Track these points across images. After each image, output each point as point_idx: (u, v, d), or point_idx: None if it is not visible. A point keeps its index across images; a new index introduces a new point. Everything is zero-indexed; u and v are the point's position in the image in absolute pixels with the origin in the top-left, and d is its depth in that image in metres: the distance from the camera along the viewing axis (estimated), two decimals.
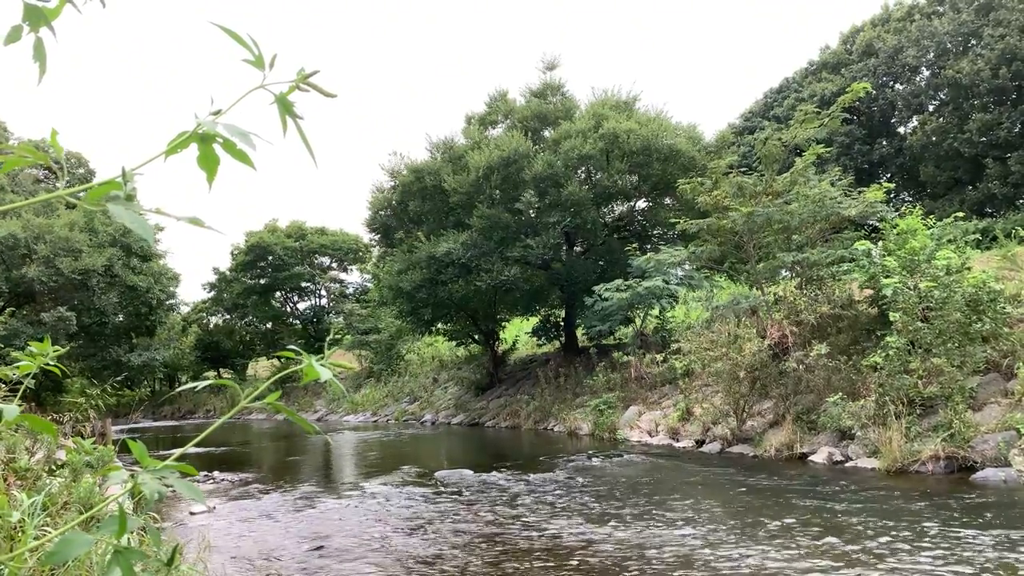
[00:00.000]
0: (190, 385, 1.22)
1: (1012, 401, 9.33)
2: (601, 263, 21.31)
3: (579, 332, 22.69)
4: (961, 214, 13.41)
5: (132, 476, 0.91)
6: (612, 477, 10.69)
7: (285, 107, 0.94)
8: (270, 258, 37.92)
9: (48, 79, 1.04)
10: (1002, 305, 10.30)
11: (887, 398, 10.07)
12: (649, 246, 21.76)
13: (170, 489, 0.91)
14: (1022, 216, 23.75)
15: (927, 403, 9.96)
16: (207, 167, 0.94)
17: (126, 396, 37.72)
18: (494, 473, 11.35)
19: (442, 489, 10.35)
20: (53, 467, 5.68)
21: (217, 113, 0.90)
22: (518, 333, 26.63)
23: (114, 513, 0.92)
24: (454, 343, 27.28)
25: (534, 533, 7.46)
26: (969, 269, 11.04)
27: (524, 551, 6.80)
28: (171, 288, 36.10)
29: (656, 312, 19.78)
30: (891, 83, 34.45)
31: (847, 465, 10.22)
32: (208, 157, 0.92)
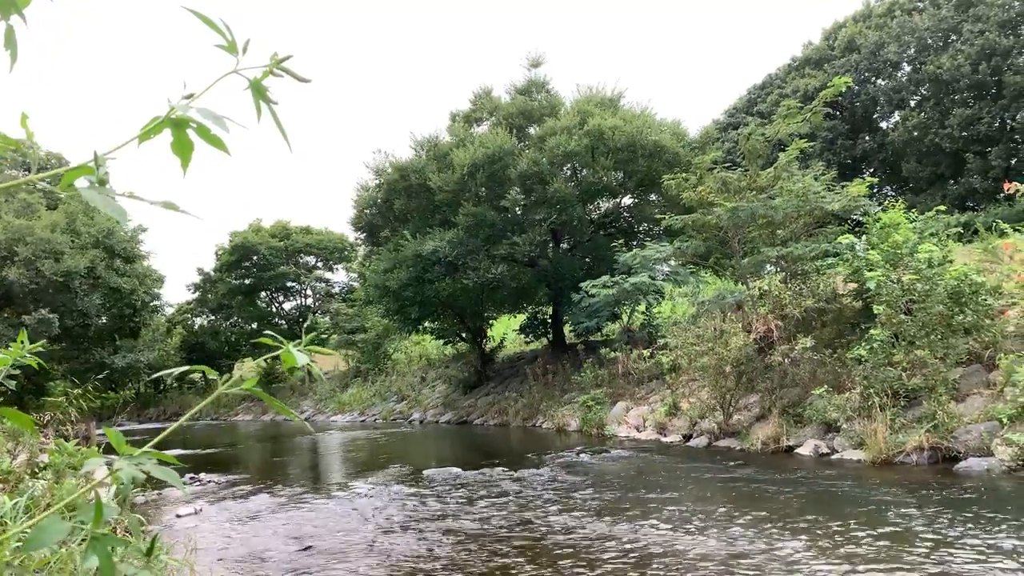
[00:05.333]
0: (165, 372, 1.21)
1: (994, 392, 9.43)
2: (588, 260, 21.34)
3: (567, 329, 22.71)
4: (943, 208, 13.51)
5: (109, 464, 0.90)
6: (600, 473, 10.72)
7: (259, 92, 0.93)
8: (255, 258, 37.73)
9: (21, 68, 1.02)
10: (983, 297, 10.40)
11: (872, 390, 10.15)
12: (635, 242, 21.82)
13: (146, 474, 0.91)
14: (1003, 209, 23.97)
15: (911, 395, 10.04)
16: (181, 153, 0.93)
17: (110, 399, 37.44)
18: (483, 471, 11.35)
19: (431, 488, 10.34)
20: (36, 469, 5.63)
21: (190, 97, 0.89)
22: (506, 331, 26.63)
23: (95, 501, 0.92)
24: (441, 341, 27.24)
25: (523, 530, 7.46)
26: (951, 262, 11.14)
27: (514, 548, 6.80)
28: (155, 289, 35.83)
29: (643, 308, 19.84)
30: (873, 79, 34.69)
31: (833, 457, 10.29)
32: (182, 143, 0.92)
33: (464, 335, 25.14)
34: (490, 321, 25.22)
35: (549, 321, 23.58)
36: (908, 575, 5.12)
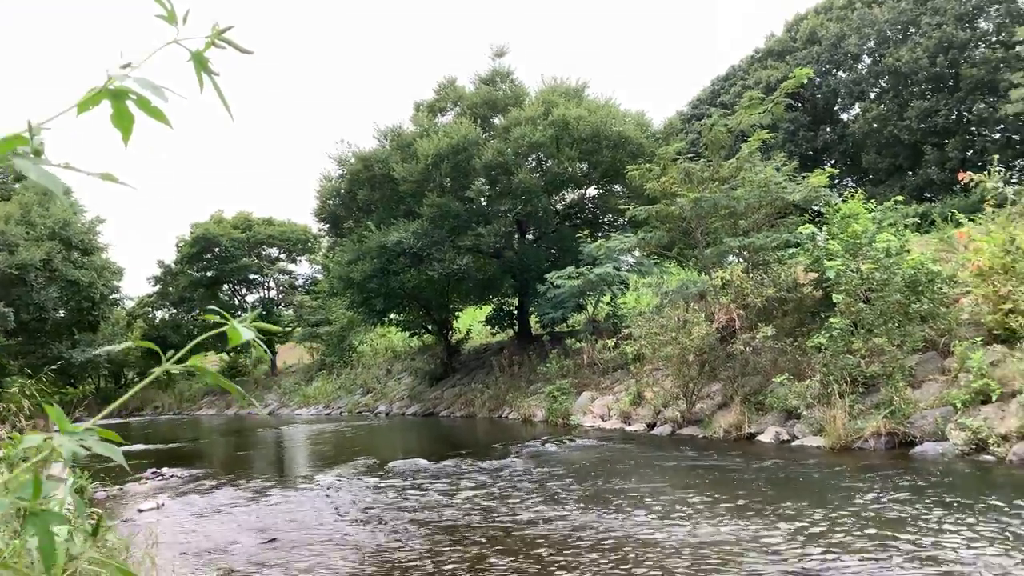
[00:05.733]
0: (107, 348, 1.19)
1: (949, 378, 9.65)
2: (553, 251, 21.40)
3: (532, 320, 22.76)
4: (900, 198, 13.77)
5: (47, 439, 0.89)
6: (565, 461, 10.78)
7: (200, 63, 0.91)
8: (216, 250, 37.19)
9: None
10: (939, 286, 10.63)
11: (831, 378, 10.34)
12: (600, 233, 21.92)
13: (88, 451, 0.89)
14: (959, 201, 24.49)
15: (869, 382, 10.24)
16: (121, 126, 0.91)
17: (69, 394, 36.73)
18: (449, 461, 11.35)
19: (396, 479, 10.31)
20: None
21: (127, 66, 0.87)
22: (472, 322, 26.61)
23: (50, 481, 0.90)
24: (407, 333, 27.14)
25: (488, 518, 7.48)
26: (908, 251, 11.36)
27: (478, 536, 6.82)
28: (114, 282, 35.22)
29: (608, 299, 19.96)
30: (834, 70, 35.19)
31: (794, 444, 10.47)
32: (122, 114, 0.89)
33: (430, 327, 25.08)
34: (456, 313, 25.19)
35: (515, 312, 23.61)
36: (872, 556, 5.23)
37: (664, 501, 7.53)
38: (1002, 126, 28.70)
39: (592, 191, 22.60)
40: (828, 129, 35.12)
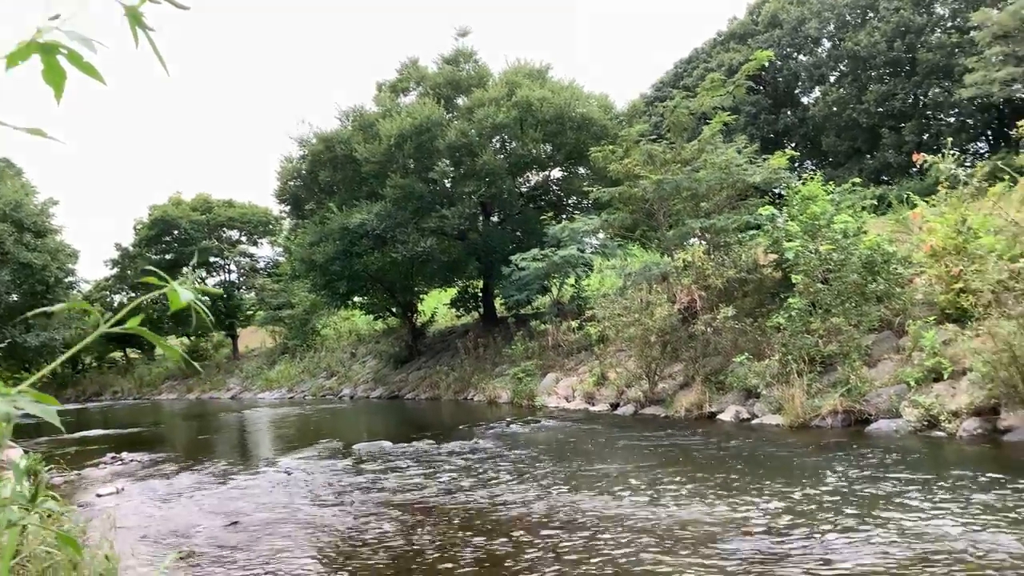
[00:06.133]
0: (40, 310, 1.15)
1: (903, 357, 9.86)
2: (518, 233, 21.38)
3: (497, 302, 22.77)
4: (858, 180, 13.99)
5: None
6: (531, 442, 10.83)
7: (135, 19, 0.88)
8: (175, 232, 36.53)
9: None
10: (895, 266, 10.84)
11: (790, 357, 10.50)
12: (564, 215, 21.97)
13: (20, 410, 0.86)
14: (915, 183, 24.97)
15: (827, 361, 10.43)
16: (53, 82, 0.87)
17: (23, 379, 35.96)
18: (414, 443, 11.34)
19: (361, 461, 10.28)
20: None
21: (56, 18, 0.83)
22: (437, 305, 26.54)
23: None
24: (371, 316, 26.99)
25: (452, 498, 7.50)
26: (865, 233, 11.55)
27: (441, 516, 6.83)
28: (69, 265, 34.46)
29: (572, 281, 20.04)
30: (795, 54, 35.53)
31: (753, 422, 10.63)
32: (53, 69, 0.86)
33: (394, 310, 24.96)
34: (420, 295, 25.09)
35: (480, 295, 23.60)
36: (852, 532, 5.34)
37: (631, 480, 7.60)
38: (956, 110, 29.25)
39: (556, 173, 22.62)
40: (789, 112, 35.51)
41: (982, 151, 30.03)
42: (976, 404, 8.27)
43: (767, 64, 15.74)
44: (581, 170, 21.67)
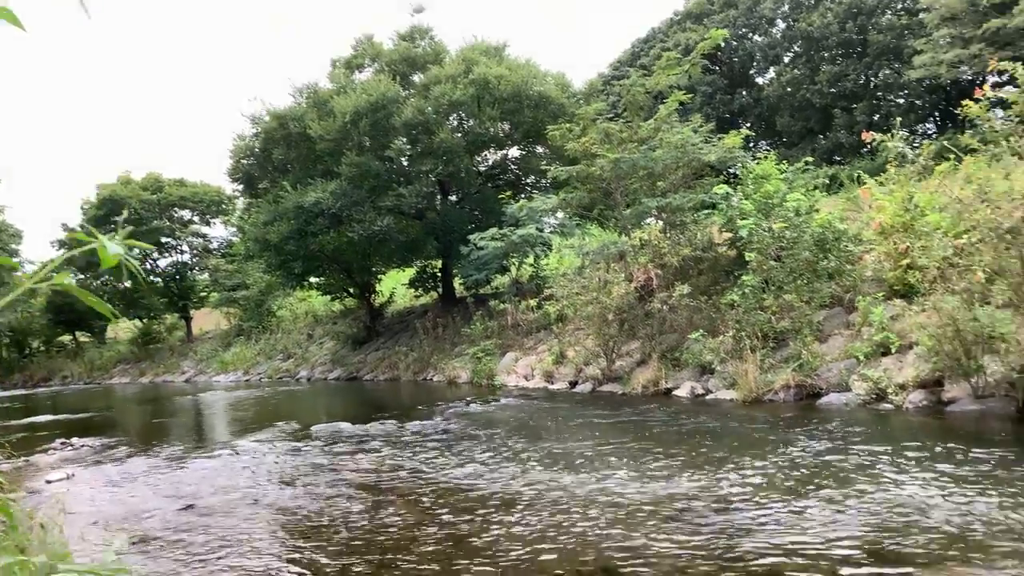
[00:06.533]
0: None
1: (853, 332, 10.10)
2: (476, 212, 21.31)
3: (456, 282, 22.70)
4: (811, 160, 14.22)
5: None
6: (491, 421, 10.87)
7: None
8: (125, 212, 35.59)
9: None
10: (845, 244, 11.05)
11: (743, 333, 10.68)
12: (523, 194, 21.93)
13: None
14: (866, 163, 25.47)
15: (779, 337, 10.63)
16: None
17: None
18: (372, 424, 11.29)
19: (318, 443, 10.21)
20: None
21: None
22: (395, 285, 26.38)
23: None
24: (328, 297, 26.72)
25: (410, 478, 7.50)
26: (817, 211, 11.75)
27: (400, 497, 6.83)
28: (12, 245, 33.48)
29: (531, 260, 20.06)
30: (750, 34, 35.81)
31: (708, 398, 10.81)
32: None
33: (352, 290, 24.75)
34: (378, 276, 24.90)
35: (438, 275, 23.51)
36: (800, 496, 5.46)
37: (595, 457, 7.66)
38: (906, 91, 29.84)
39: (514, 152, 22.55)
40: (744, 92, 35.85)
41: (930, 131, 30.72)
42: (922, 377, 8.52)
43: (722, 44, 15.86)
44: (539, 149, 21.63)
